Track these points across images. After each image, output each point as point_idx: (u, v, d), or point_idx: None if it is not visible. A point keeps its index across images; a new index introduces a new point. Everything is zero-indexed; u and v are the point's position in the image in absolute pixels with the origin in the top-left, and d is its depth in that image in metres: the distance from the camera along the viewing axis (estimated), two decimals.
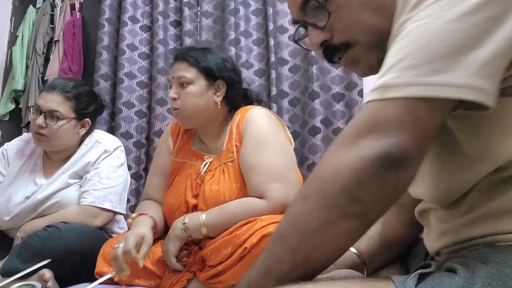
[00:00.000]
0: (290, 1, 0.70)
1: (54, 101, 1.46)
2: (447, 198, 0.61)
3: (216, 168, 1.25)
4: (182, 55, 1.28)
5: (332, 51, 0.67)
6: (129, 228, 1.21)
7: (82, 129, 1.55)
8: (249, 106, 1.31)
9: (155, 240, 1.25)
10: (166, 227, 1.29)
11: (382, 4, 0.61)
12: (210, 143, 1.33)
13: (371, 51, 0.64)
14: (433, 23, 0.48)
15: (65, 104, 1.47)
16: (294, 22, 0.71)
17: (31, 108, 1.52)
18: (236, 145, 1.24)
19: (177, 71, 1.26)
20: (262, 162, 1.16)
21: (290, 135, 1.35)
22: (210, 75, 1.25)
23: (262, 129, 1.22)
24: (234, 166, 1.22)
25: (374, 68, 0.66)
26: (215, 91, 1.27)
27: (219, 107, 1.27)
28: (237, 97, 1.32)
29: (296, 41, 0.74)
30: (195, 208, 1.25)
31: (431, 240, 0.69)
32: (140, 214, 1.23)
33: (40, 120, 1.44)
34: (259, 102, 1.39)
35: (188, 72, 1.24)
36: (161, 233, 1.27)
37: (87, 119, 1.55)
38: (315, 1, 0.64)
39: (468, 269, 0.49)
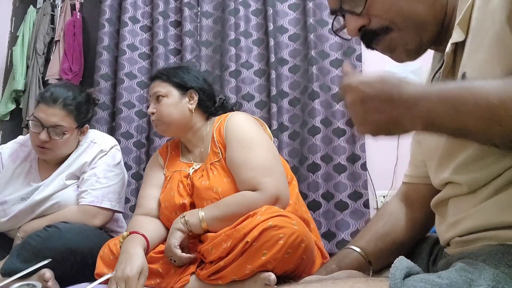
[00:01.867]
0: None
1: (57, 116, 1.44)
2: (480, 180, 0.61)
3: (203, 170, 1.32)
4: (156, 74, 1.43)
5: (370, 37, 0.68)
6: (120, 247, 1.20)
7: (82, 135, 1.57)
8: (228, 113, 1.39)
9: None
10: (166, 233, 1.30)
11: None
12: (195, 149, 1.42)
13: (410, 36, 0.65)
14: None
15: (68, 118, 1.46)
16: (332, 12, 0.73)
17: (30, 122, 1.47)
18: (219, 147, 1.31)
19: (152, 88, 1.41)
20: (250, 159, 1.22)
21: (270, 132, 1.45)
22: (181, 86, 1.39)
23: (245, 130, 1.29)
24: (221, 165, 1.28)
25: (411, 53, 0.68)
26: (189, 99, 1.40)
27: (193, 113, 1.39)
28: (210, 104, 1.44)
29: (335, 32, 0.75)
30: (192, 206, 1.29)
31: (445, 229, 0.69)
32: (131, 233, 1.22)
33: (44, 135, 1.43)
34: (236, 111, 1.49)
35: (162, 87, 1.38)
36: (157, 245, 1.28)
37: (87, 125, 1.58)
38: None
39: (475, 271, 0.49)
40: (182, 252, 1.16)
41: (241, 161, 1.23)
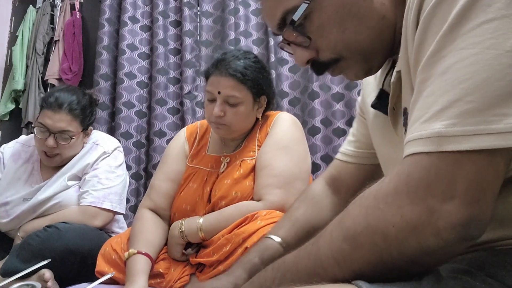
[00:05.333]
0: (266, 16, 0.66)
1: (63, 121, 1.44)
2: None
3: (232, 163, 1.25)
4: (229, 71, 1.18)
5: (320, 66, 0.65)
6: (125, 264, 1.14)
7: (87, 137, 1.58)
8: (275, 112, 1.33)
9: None
10: None
11: (361, 16, 0.58)
12: (231, 143, 1.33)
13: (359, 64, 0.63)
14: (486, 54, 0.41)
15: (74, 122, 1.47)
16: (275, 34, 0.68)
17: (36, 129, 1.47)
18: (258, 145, 1.25)
19: (225, 88, 1.18)
20: (275, 165, 1.17)
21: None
22: (257, 93, 1.24)
23: (285, 135, 1.23)
24: (251, 165, 1.22)
25: (361, 77, 0.67)
26: (258, 106, 1.27)
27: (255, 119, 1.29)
28: (269, 108, 1.33)
29: (281, 48, 0.71)
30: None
31: None
32: (137, 252, 1.14)
33: (51, 141, 1.43)
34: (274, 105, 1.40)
35: (239, 92, 1.19)
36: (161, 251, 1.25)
37: (91, 127, 1.58)
38: (292, 26, 0.60)
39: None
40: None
41: (266, 164, 1.17)
